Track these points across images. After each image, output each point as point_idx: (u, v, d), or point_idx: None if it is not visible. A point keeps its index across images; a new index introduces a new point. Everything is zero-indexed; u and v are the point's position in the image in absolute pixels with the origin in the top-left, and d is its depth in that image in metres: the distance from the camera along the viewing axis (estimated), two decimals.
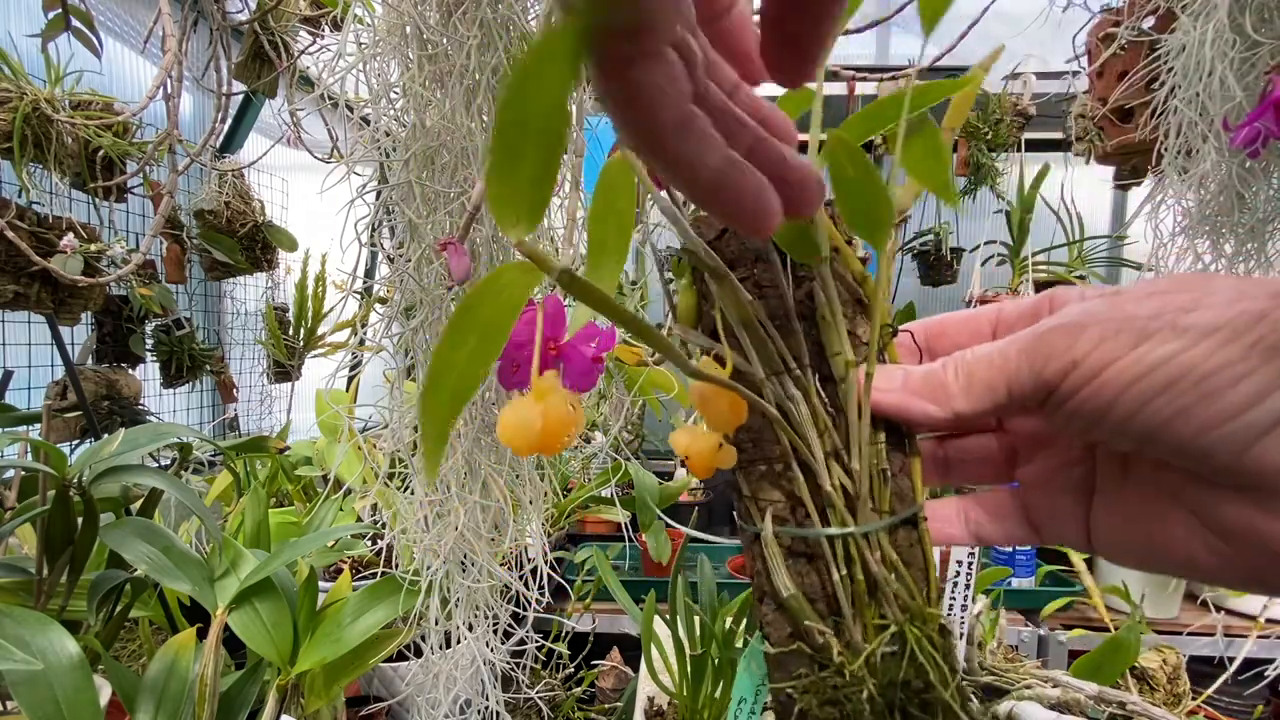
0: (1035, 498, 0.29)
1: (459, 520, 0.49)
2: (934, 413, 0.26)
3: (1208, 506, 0.23)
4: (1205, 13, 0.65)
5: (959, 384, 0.26)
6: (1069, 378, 0.23)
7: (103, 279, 0.99)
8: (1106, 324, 0.22)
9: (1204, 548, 0.23)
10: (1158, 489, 0.25)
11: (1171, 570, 0.25)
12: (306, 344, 1.72)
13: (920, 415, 0.26)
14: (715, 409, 0.26)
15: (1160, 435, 0.22)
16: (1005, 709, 0.64)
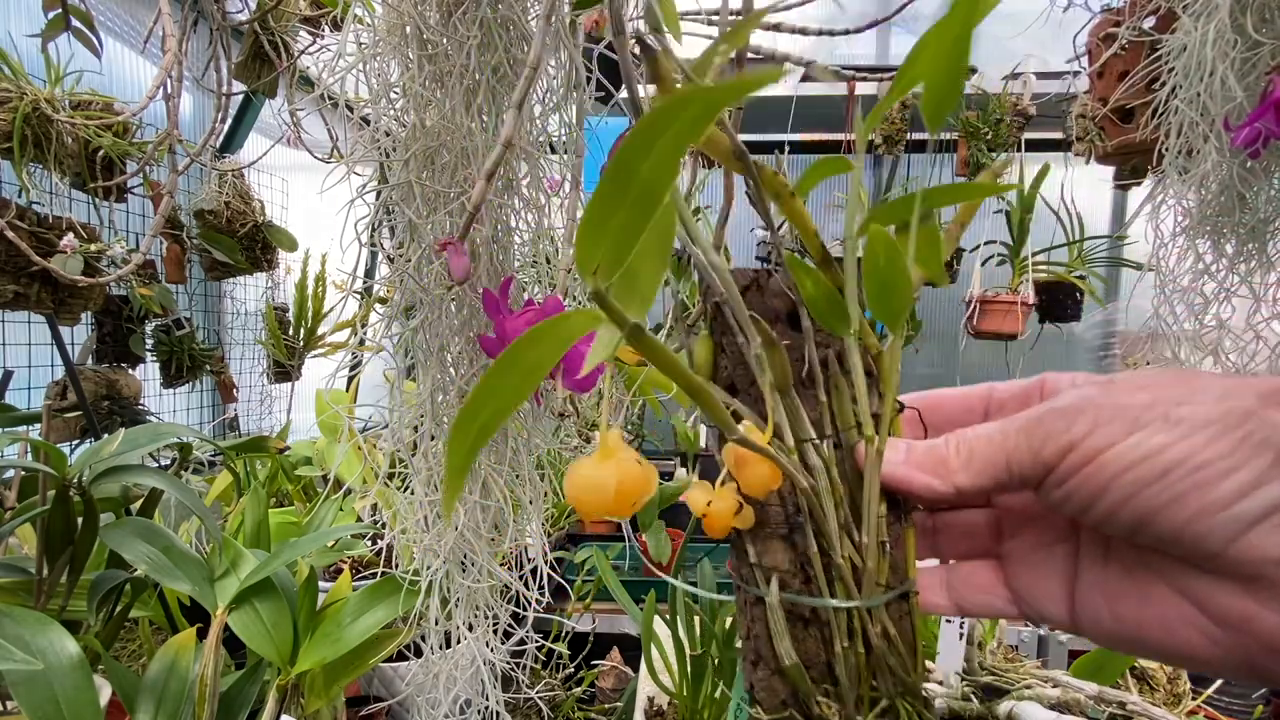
0: (1018, 572, 0.29)
1: (459, 520, 0.49)
2: (936, 486, 0.27)
3: (1204, 594, 0.23)
4: (1206, 13, 0.65)
5: (960, 459, 0.27)
6: (1066, 459, 0.24)
7: (103, 279, 0.99)
8: (1101, 410, 0.23)
9: (1201, 636, 0.23)
10: (1146, 570, 0.25)
11: (1170, 658, 0.25)
12: (306, 344, 1.72)
13: (922, 488, 0.27)
14: (754, 473, 0.26)
15: (1153, 521, 0.22)
16: (1005, 709, 0.64)
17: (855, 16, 0.72)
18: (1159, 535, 0.23)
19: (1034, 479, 0.25)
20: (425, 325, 0.48)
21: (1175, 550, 0.23)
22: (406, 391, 0.51)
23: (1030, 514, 0.29)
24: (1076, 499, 0.24)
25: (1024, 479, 0.25)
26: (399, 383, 0.50)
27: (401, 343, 0.49)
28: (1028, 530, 0.29)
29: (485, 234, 0.48)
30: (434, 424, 0.50)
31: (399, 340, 0.49)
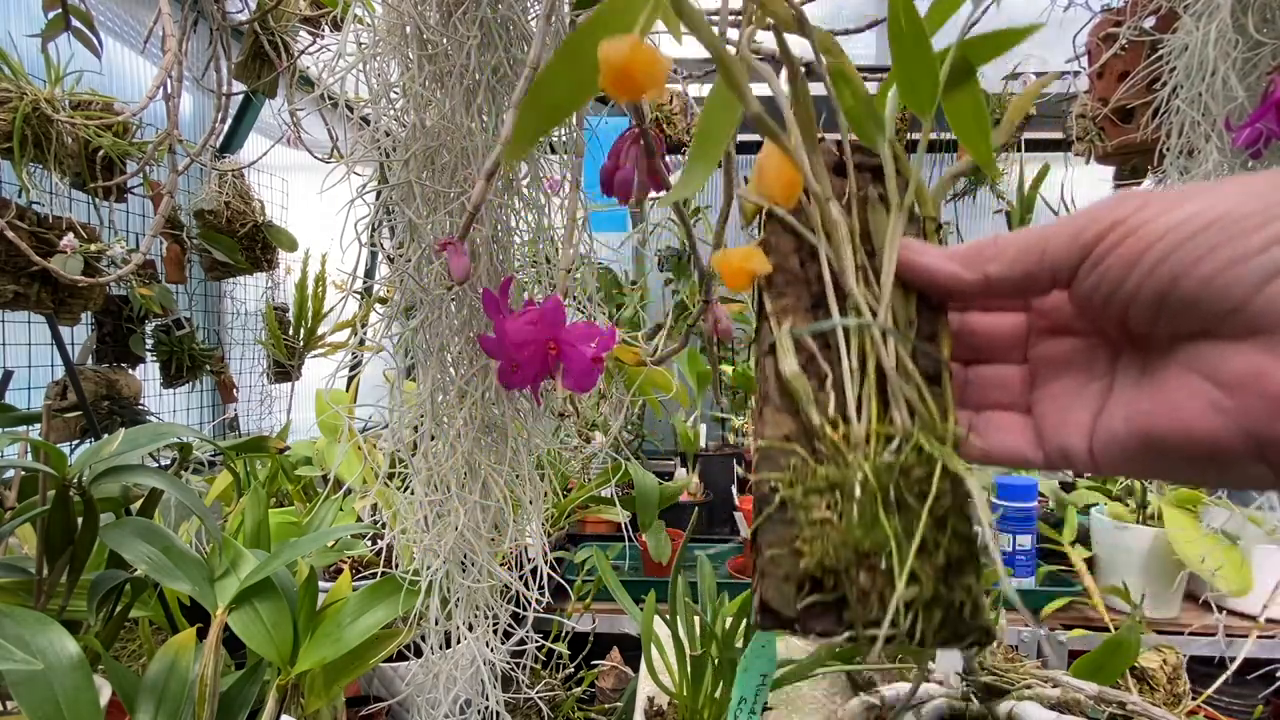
0: (1047, 411, 0.29)
1: (459, 520, 0.49)
2: (963, 274, 0.27)
3: (1217, 360, 0.23)
4: (1208, 13, 0.65)
5: (994, 249, 0.26)
6: (1108, 237, 0.24)
7: (103, 279, 0.99)
8: (1153, 195, 0.23)
9: (1207, 408, 0.23)
10: (1162, 361, 0.25)
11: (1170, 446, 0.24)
12: (306, 344, 1.72)
13: (949, 276, 0.27)
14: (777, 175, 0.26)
15: (1182, 280, 0.22)
16: (1005, 709, 0.64)
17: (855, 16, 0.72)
18: (1184, 297, 0.23)
19: (1069, 265, 0.25)
20: (425, 325, 0.48)
21: (1197, 312, 0.23)
22: (406, 391, 0.50)
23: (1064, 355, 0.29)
24: (1109, 277, 0.24)
25: (1057, 267, 0.25)
26: (399, 383, 0.50)
27: (401, 343, 0.49)
28: (1061, 374, 0.29)
29: (485, 234, 0.48)
30: (434, 424, 0.50)
31: (399, 340, 0.49)
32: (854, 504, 0.24)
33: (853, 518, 0.23)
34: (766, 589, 0.24)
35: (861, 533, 0.23)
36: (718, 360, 0.64)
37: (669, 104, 1.73)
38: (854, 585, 0.23)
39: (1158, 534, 1.12)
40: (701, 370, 1.78)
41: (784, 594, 0.24)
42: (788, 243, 0.29)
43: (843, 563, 0.23)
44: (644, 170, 0.46)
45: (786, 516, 0.24)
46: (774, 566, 0.24)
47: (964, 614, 0.23)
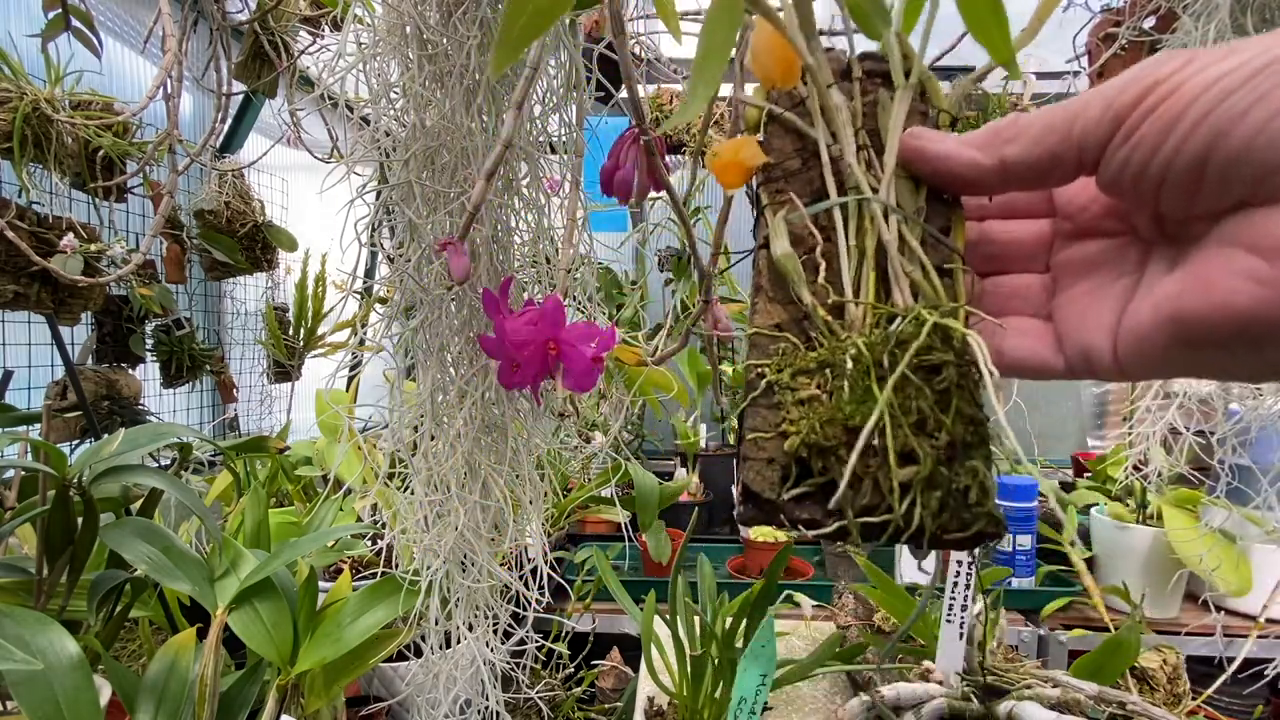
0: (1068, 313, 0.26)
1: (459, 520, 0.49)
2: (980, 159, 0.24)
3: (1260, 229, 0.20)
4: (1207, 13, 0.65)
5: (1015, 128, 0.24)
6: (1145, 100, 0.21)
7: (103, 279, 0.99)
8: (1200, 50, 0.21)
9: (1247, 282, 0.20)
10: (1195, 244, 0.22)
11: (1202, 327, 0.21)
12: (306, 344, 1.72)
13: (966, 163, 0.24)
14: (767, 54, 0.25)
15: (1223, 141, 0.20)
16: (1005, 709, 0.64)
17: None
18: (1225, 159, 0.20)
19: (1099, 139, 0.22)
20: (425, 325, 0.48)
21: (1238, 175, 0.20)
22: (406, 391, 0.50)
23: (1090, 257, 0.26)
24: (1143, 146, 0.21)
25: (1086, 142, 0.22)
26: (399, 383, 0.50)
27: (401, 343, 0.49)
28: (1086, 276, 0.26)
29: (485, 234, 0.48)
30: (434, 424, 0.50)
31: (399, 340, 0.49)
32: (844, 378, 0.22)
33: (843, 392, 0.21)
34: (748, 473, 0.22)
35: (852, 407, 0.21)
36: (718, 360, 0.64)
37: (669, 104, 1.73)
38: (843, 465, 0.21)
39: (1158, 534, 1.12)
40: (701, 370, 1.78)
41: (767, 478, 0.22)
42: (788, 143, 0.27)
43: (831, 440, 0.21)
44: (644, 170, 0.46)
45: (772, 400, 0.23)
46: (756, 450, 0.22)
47: (968, 499, 0.21)
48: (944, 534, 0.20)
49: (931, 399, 0.21)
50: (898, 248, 0.24)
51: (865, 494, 0.21)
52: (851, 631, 0.89)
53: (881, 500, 0.20)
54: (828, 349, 0.23)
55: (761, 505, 0.22)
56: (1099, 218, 0.26)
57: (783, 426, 0.22)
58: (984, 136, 0.24)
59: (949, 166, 0.25)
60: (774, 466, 0.22)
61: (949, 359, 0.22)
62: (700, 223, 1.65)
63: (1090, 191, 0.26)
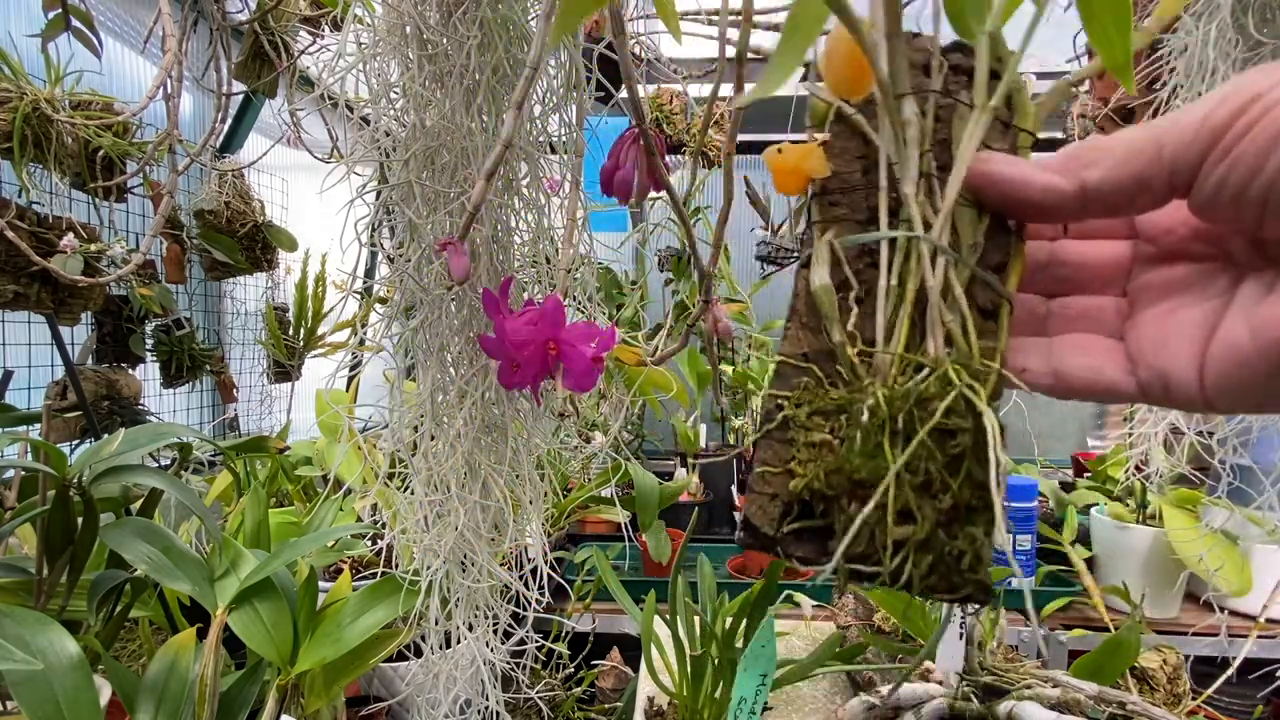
0: (1145, 333, 0.24)
1: (459, 520, 0.49)
2: (1057, 184, 0.22)
3: None
4: (1208, 13, 0.65)
5: (1096, 152, 0.22)
6: (1243, 116, 0.19)
7: (103, 279, 0.99)
8: None
9: None
10: None
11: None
12: (306, 344, 1.72)
13: (1040, 188, 0.22)
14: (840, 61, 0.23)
15: None
16: (1005, 709, 0.64)
17: None
18: None
19: (1191, 160, 0.20)
20: (425, 325, 0.48)
21: None
22: (406, 391, 0.50)
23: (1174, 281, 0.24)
24: (1243, 164, 0.19)
25: (1178, 164, 0.20)
26: (399, 383, 0.50)
27: (401, 343, 0.49)
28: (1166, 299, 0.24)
29: (485, 234, 0.48)
30: (434, 424, 0.50)
31: (399, 340, 0.49)
32: (858, 429, 0.21)
33: (854, 443, 0.21)
34: (751, 506, 0.23)
35: (860, 460, 0.21)
36: (718, 360, 0.64)
37: (669, 104, 1.73)
38: (843, 514, 0.21)
39: (1158, 534, 1.12)
40: (701, 370, 1.78)
41: (768, 513, 0.22)
42: (852, 148, 0.26)
43: (835, 489, 0.21)
44: (644, 170, 0.46)
45: (785, 435, 0.23)
46: (762, 483, 0.23)
47: (961, 565, 0.21)
48: (931, 592, 0.21)
49: (942, 462, 0.21)
50: (940, 294, 0.23)
51: (860, 543, 0.21)
52: (851, 631, 0.89)
53: (874, 552, 0.21)
54: (848, 394, 0.22)
55: (759, 537, 0.22)
56: (1186, 241, 0.24)
57: (790, 465, 0.22)
58: (1060, 161, 0.23)
59: (1023, 194, 0.23)
60: (776, 503, 0.22)
61: (967, 426, 0.21)
62: (700, 223, 1.65)
63: (1176, 214, 0.24)
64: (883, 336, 0.23)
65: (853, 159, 0.26)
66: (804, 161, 0.25)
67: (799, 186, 0.25)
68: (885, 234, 0.24)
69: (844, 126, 0.26)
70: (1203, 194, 0.21)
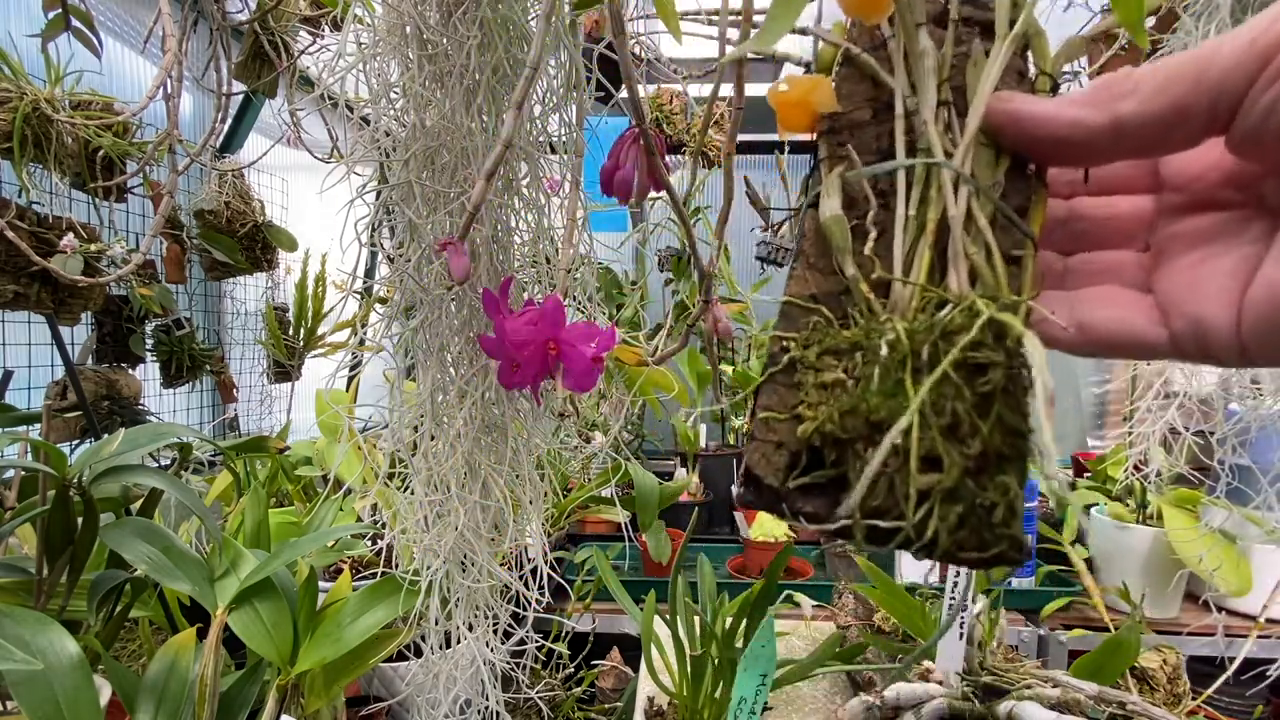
0: (1176, 282, 0.23)
1: (459, 520, 0.49)
2: (1088, 118, 0.20)
3: None
4: (1207, 13, 0.65)
5: (1132, 81, 0.20)
6: None
7: (103, 279, 0.99)
8: None
9: None
10: None
11: None
12: (306, 344, 1.72)
13: (1069, 123, 0.20)
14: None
15: None
16: (1005, 709, 0.64)
17: None
18: None
19: (1238, 86, 0.18)
20: (425, 325, 0.48)
21: None
22: (406, 391, 0.50)
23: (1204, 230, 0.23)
24: None
25: (1223, 90, 0.19)
26: (399, 383, 0.50)
27: (401, 343, 0.49)
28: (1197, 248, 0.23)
29: (485, 234, 0.48)
30: (434, 424, 0.50)
31: (399, 340, 0.49)
32: (876, 365, 0.19)
33: (871, 381, 0.19)
34: (754, 455, 0.20)
35: (878, 399, 0.19)
36: (718, 360, 0.64)
37: (669, 104, 1.73)
38: (859, 461, 0.19)
39: (1158, 534, 1.12)
40: (701, 370, 1.78)
41: (774, 463, 0.20)
42: (861, 90, 0.24)
43: (850, 433, 0.19)
44: (644, 170, 0.46)
45: (792, 379, 0.21)
46: (766, 430, 0.20)
47: (993, 518, 0.18)
48: (959, 551, 0.18)
49: (971, 402, 0.18)
50: (963, 225, 0.21)
51: (878, 496, 0.18)
52: (851, 631, 0.89)
53: (894, 505, 0.18)
54: (863, 329, 0.20)
55: (763, 491, 0.20)
56: (1216, 187, 0.23)
57: (798, 409, 0.20)
58: (1090, 93, 0.21)
59: (1048, 130, 0.21)
60: (782, 451, 0.20)
61: (999, 360, 0.19)
62: (700, 223, 1.65)
63: (1206, 158, 0.23)
64: (901, 268, 0.21)
65: (861, 101, 0.24)
66: (811, 94, 0.23)
67: (805, 123, 0.23)
68: (904, 161, 0.22)
69: (852, 69, 0.24)
70: (1248, 122, 0.19)
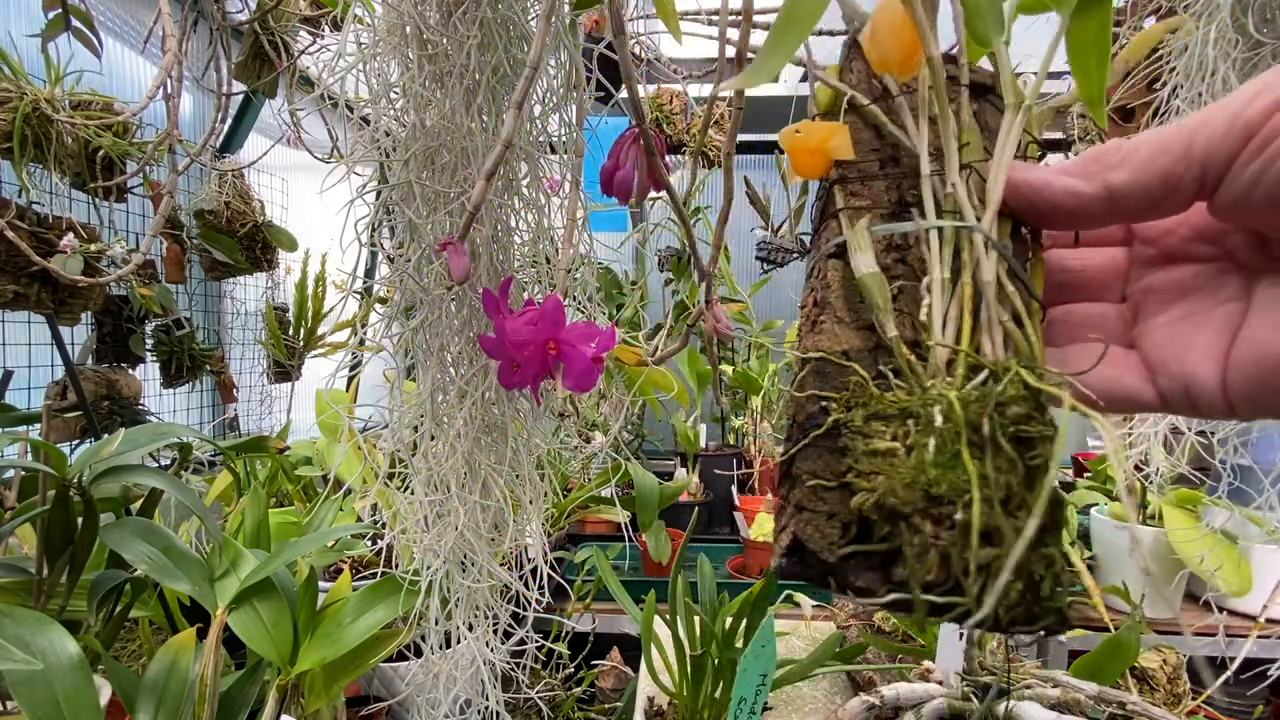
0: (1160, 339, 0.24)
1: (459, 520, 0.49)
2: (1081, 189, 0.21)
3: None
4: (1208, 13, 0.65)
5: (1121, 153, 0.21)
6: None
7: (103, 279, 0.99)
8: None
9: None
10: None
11: None
12: (306, 344, 1.72)
13: (1064, 193, 0.21)
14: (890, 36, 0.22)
15: None
16: (1005, 709, 0.64)
17: None
18: None
19: (1223, 158, 0.19)
20: (425, 325, 0.48)
21: None
22: (406, 391, 0.50)
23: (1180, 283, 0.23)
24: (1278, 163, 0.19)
25: (1209, 161, 0.20)
26: (399, 383, 0.50)
27: (401, 343, 0.49)
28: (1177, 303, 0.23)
29: (485, 234, 0.48)
30: (434, 424, 0.50)
31: (399, 340, 0.49)
32: (933, 436, 0.19)
33: (927, 453, 0.19)
34: (803, 526, 0.19)
35: (937, 472, 0.18)
36: (718, 360, 0.64)
37: (669, 104, 1.73)
38: (916, 535, 0.18)
39: (1158, 534, 1.12)
40: (701, 370, 1.78)
41: (827, 535, 0.19)
42: (866, 140, 0.24)
43: (907, 506, 0.18)
44: (644, 170, 0.46)
45: (838, 444, 0.20)
46: (815, 500, 0.19)
47: (1040, 591, 0.19)
48: (1011, 624, 0.18)
49: (1021, 475, 0.18)
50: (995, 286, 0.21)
51: (932, 568, 0.18)
52: (851, 631, 0.89)
53: (948, 578, 0.18)
54: (914, 396, 0.20)
55: (810, 563, 0.19)
56: (1187, 242, 0.24)
57: (848, 478, 0.19)
58: (1082, 164, 0.22)
59: (1045, 197, 0.22)
60: (834, 523, 0.19)
61: (1049, 433, 0.19)
62: (700, 223, 1.65)
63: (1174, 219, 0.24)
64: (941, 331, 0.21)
65: (867, 151, 0.24)
66: (828, 142, 0.23)
67: (820, 169, 0.23)
68: (936, 222, 0.22)
69: (856, 118, 0.25)
70: (1232, 191, 0.20)
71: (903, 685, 0.69)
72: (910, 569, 0.18)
